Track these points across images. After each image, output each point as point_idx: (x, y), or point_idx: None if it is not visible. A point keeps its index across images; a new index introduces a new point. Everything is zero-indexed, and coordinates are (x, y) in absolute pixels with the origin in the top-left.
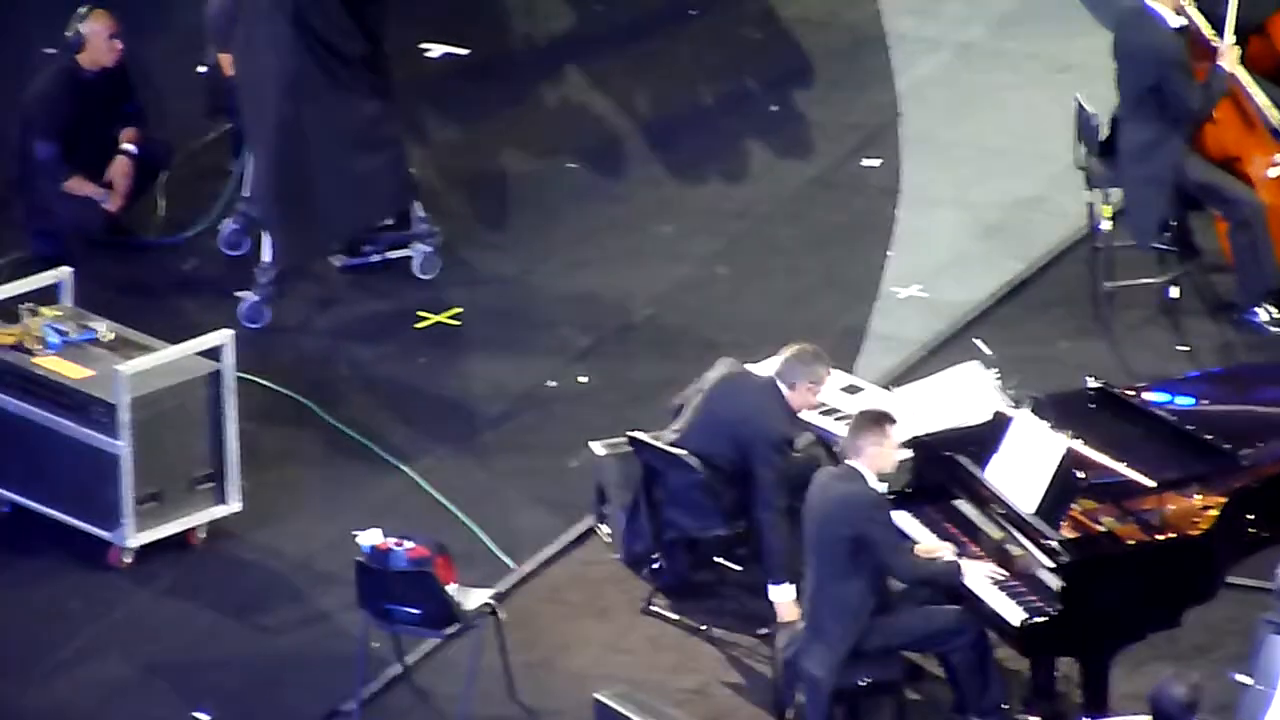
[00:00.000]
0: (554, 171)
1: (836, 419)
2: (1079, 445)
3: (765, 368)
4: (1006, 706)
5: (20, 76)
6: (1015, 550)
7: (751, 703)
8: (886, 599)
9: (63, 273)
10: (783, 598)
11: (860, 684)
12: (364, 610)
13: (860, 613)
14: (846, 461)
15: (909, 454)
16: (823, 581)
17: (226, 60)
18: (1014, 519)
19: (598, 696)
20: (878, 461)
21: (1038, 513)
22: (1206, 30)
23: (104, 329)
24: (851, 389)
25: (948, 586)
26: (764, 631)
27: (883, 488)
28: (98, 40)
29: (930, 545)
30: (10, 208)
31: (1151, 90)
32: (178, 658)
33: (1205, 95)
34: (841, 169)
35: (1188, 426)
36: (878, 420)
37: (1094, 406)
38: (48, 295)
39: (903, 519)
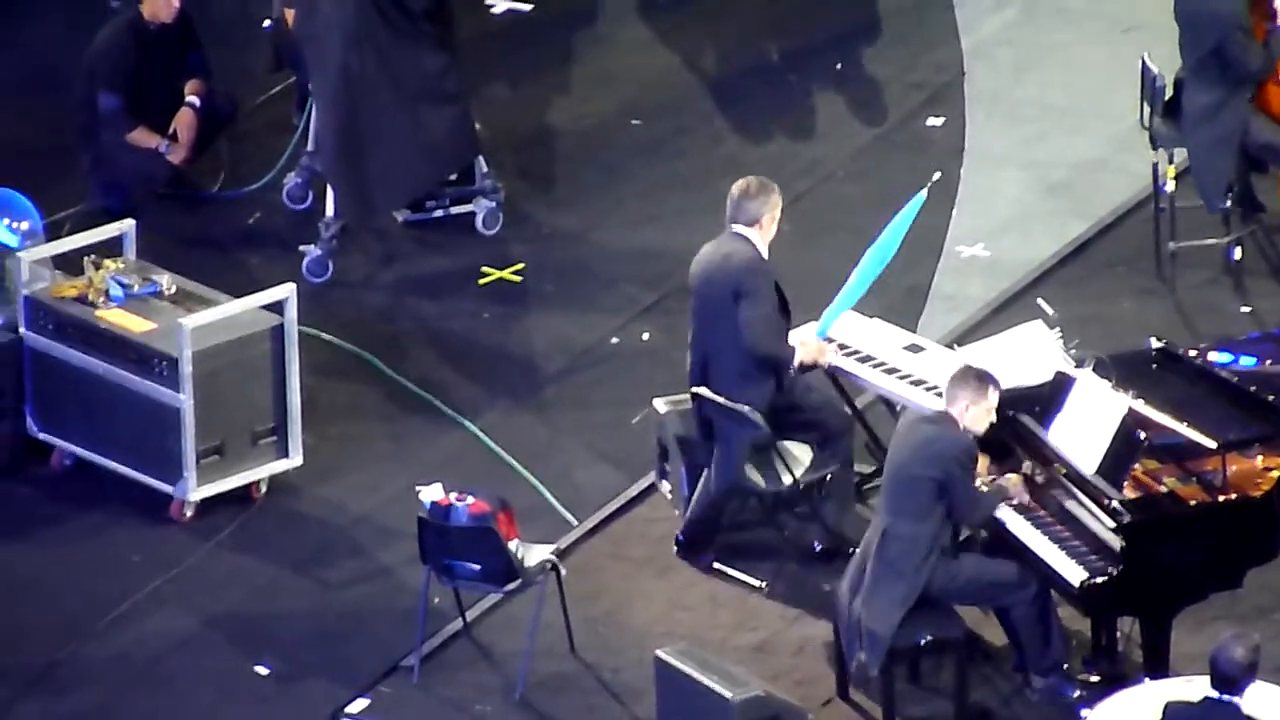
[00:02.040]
0: (618, 128)
1: (899, 378)
2: (1141, 405)
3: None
4: (1067, 665)
5: (89, 29)
6: (1077, 509)
7: (812, 660)
8: (952, 547)
9: (126, 225)
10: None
11: (921, 642)
12: (425, 565)
13: (928, 555)
14: (939, 409)
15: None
16: (897, 517)
17: (291, 14)
18: (1076, 479)
19: (659, 653)
20: (969, 418)
21: (1099, 472)
22: None
23: (167, 282)
24: (914, 348)
25: (1020, 541)
26: (826, 589)
27: (972, 437)
28: None
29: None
30: (75, 160)
31: (1213, 53)
32: (238, 611)
33: (1265, 55)
34: (906, 127)
35: (1250, 387)
36: (980, 378)
37: (1156, 367)
38: (111, 248)
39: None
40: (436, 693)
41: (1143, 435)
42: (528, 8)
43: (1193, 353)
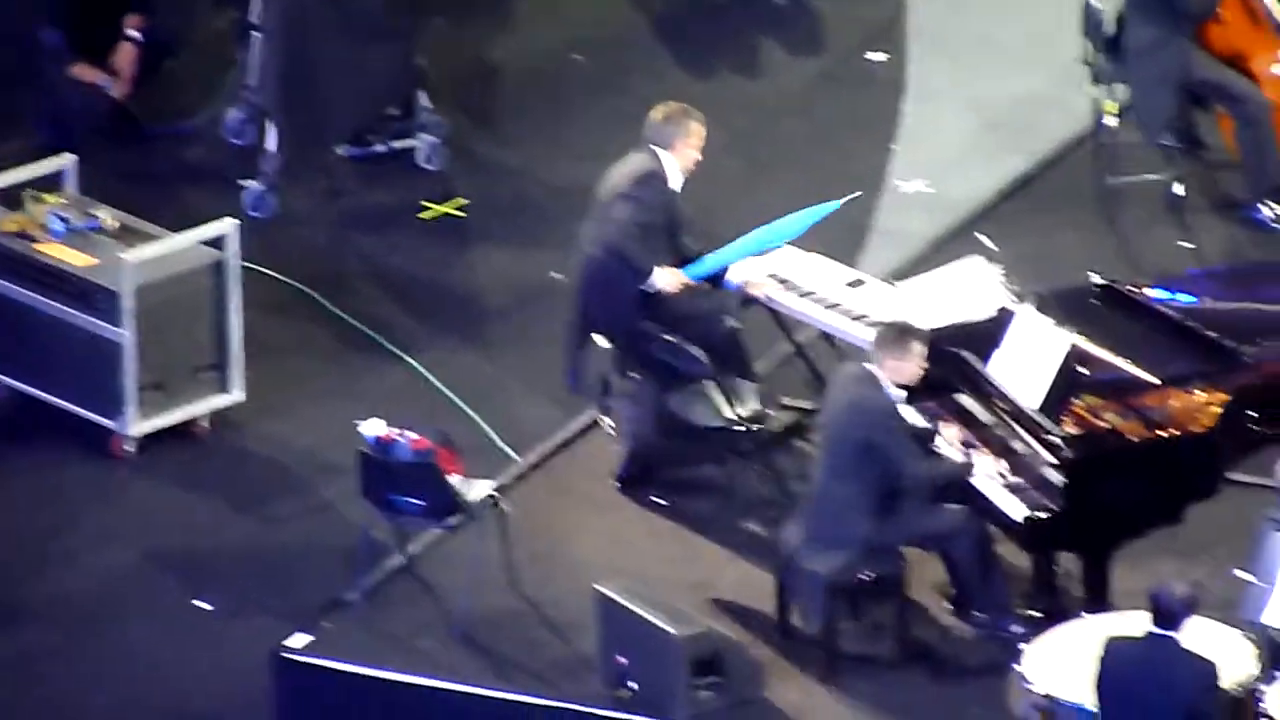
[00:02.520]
0: (561, 64)
1: (840, 313)
2: (1082, 341)
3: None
4: (1007, 602)
5: None
6: (1018, 446)
7: (753, 597)
8: (891, 499)
9: (67, 160)
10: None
11: (862, 579)
12: (367, 501)
13: (864, 511)
14: (865, 365)
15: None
16: (829, 476)
17: None
18: (1017, 414)
19: (598, 588)
20: (899, 374)
21: (1041, 408)
22: None
23: (108, 217)
24: (855, 283)
25: (958, 485)
26: (767, 528)
27: (899, 394)
28: None
29: (949, 433)
30: (16, 95)
31: None
32: (180, 547)
33: None
34: (848, 63)
35: (1191, 323)
36: (902, 333)
37: (1098, 303)
38: (52, 182)
39: (907, 413)
40: (378, 628)
41: (1084, 371)
42: None
43: (1134, 289)
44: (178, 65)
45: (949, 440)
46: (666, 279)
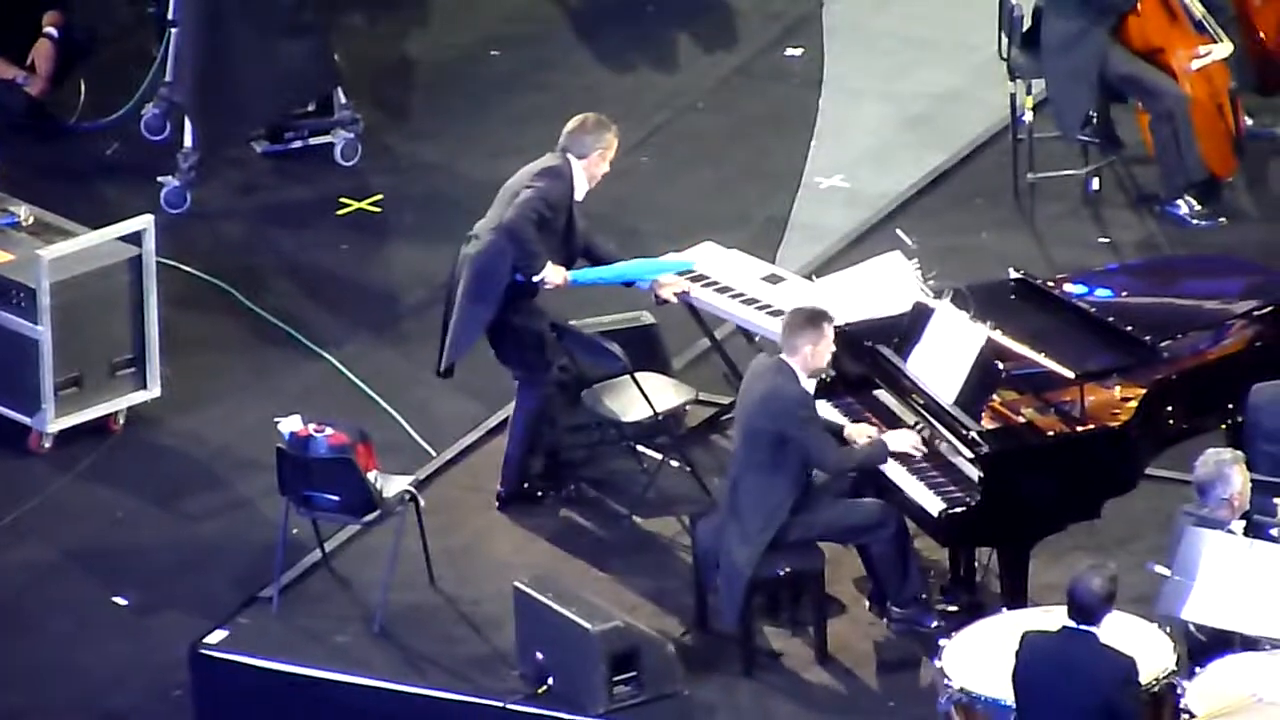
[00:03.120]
0: (478, 59)
1: (758, 309)
2: (999, 336)
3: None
4: (925, 596)
5: None
6: (936, 440)
7: (671, 591)
8: (808, 493)
9: None
10: None
11: (779, 574)
12: (284, 497)
13: (780, 506)
14: (779, 356)
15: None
16: (746, 470)
17: None
18: (934, 409)
19: (517, 584)
20: (812, 360)
21: (957, 403)
22: None
23: (24, 213)
24: (773, 278)
25: (876, 469)
26: (685, 523)
27: (811, 385)
28: None
29: (855, 430)
30: None
31: None
32: (97, 543)
33: None
34: (765, 58)
35: (1108, 318)
36: (813, 318)
37: (1015, 297)
38: None
39: (824, 409)
40: (296, 624)
41: (1001, 366)
42: None
43: (1051, 284)
44: (94, 61)
45: (858, 436)
46: (554, 274)
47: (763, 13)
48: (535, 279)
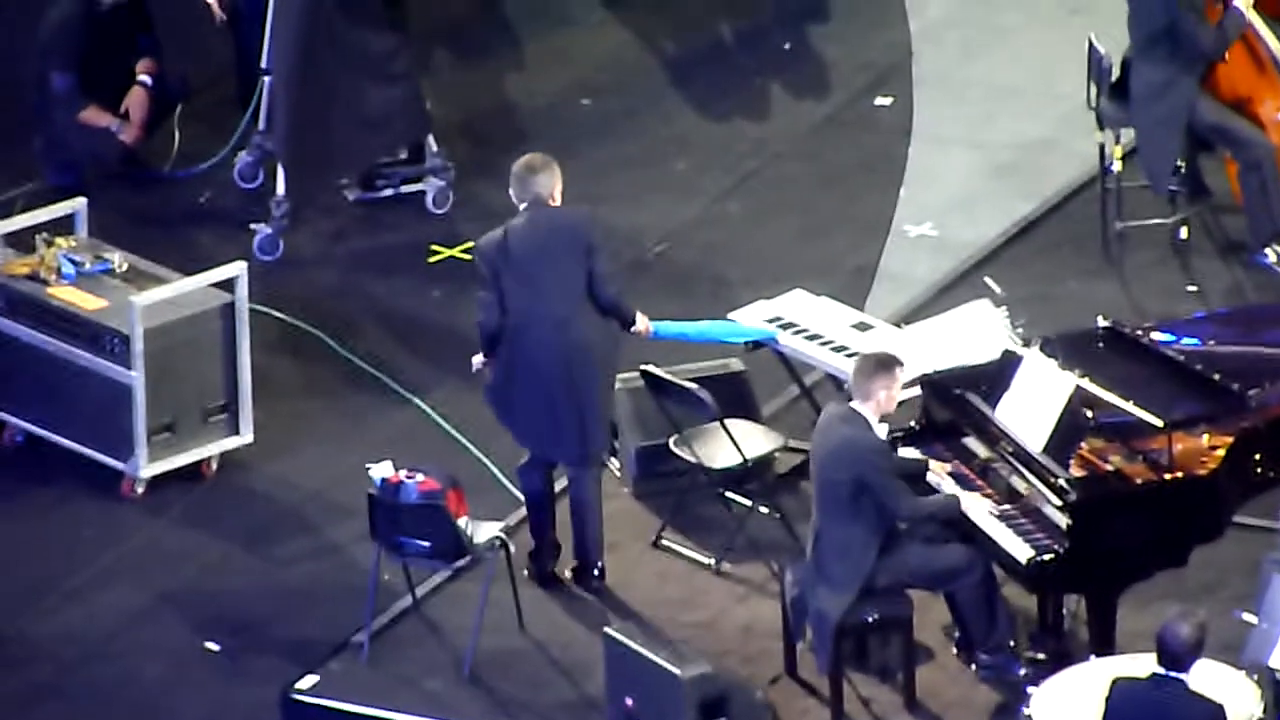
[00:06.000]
0: (569, 108)
1: (847, 356)
2: (1087, 384)
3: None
4: (1013, 644)
5: (40, 8)
6: (1024, 488)
7: (761, 637)
8: (894, 538)
9: (78, 203)
10: None
11: (868, 620)
12: (375, 542)
13: (864, 555)
14: (850, 404)
15: (915, 392)
16: (827, 522)
17: None
18: (1023, 457)
19: (607, 630)
20: (885, 405)
21: (1046, 450)
22: None
23: (119, 260)
24: (862, 326)
25: (948, 521)
26: (775, 569)
27: (883, 430)
28: None
29: (937, 466)
30: (27, 139)
31: (1164, 31)
32: (188, 588)
33: (1219, 36)
34: (854, 107)
35: (1196, 366)
36: (886, 364)
37: (1103, 346)
38: (63, 226)
39: (909, 453)
40: (386, 669)
41: (1089, 414)
42: None
43: (1139, 332)
44: (187, 109)
45: (939, 474)
46: (641, 323)
47: (852, 62)
48: (630, 330)
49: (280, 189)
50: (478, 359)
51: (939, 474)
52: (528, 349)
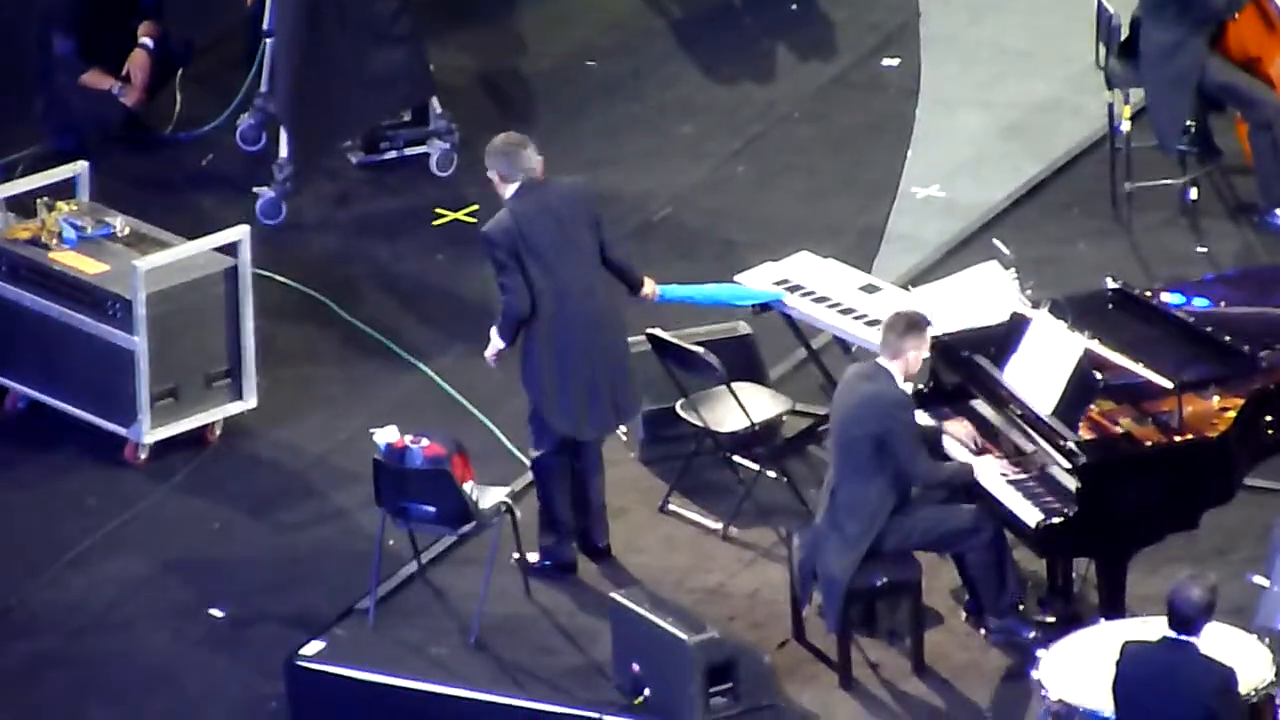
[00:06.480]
0: (574, 70)
1: (854, 318)
2: (1097, 346)
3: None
4: (1022, 606)
5: None
6: (1033, 451)
7: (767, 603)
8: (906, 499)
9: (79, 167)
10: None
11: (877, 584)
12: (380, 508)
13: (879, 512)
14: (876, 360)
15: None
16: (844, 478)
17: None
18: (1031, 420)
19: (614, 595)
20: (913, 365)
21: (1055, 413)
22: None
23: (120, 224)
24: (870, 288)
25: (963, 486)
26: (782, 533)
27: (909, 389)
28: None
29: (952, 426)
30: (28, 102)
31: None
32: (193, 554)
33: None
34: (861, 69)
35: (1206, 328)
36: (918, 323)
37: (1112, 307)
38: (64, 190)
39: (921, 418)
40: (392, 635)
41: (1099, 376)
42: None
43: (1148, 293)
44: (189, 72)
45: (956, 437)
46: (650, 288)
47: (859, 23)
48: (638, 294)
49: (283, 152)
50: (495, 350)
51: (956, 438)
52: (564, 325)
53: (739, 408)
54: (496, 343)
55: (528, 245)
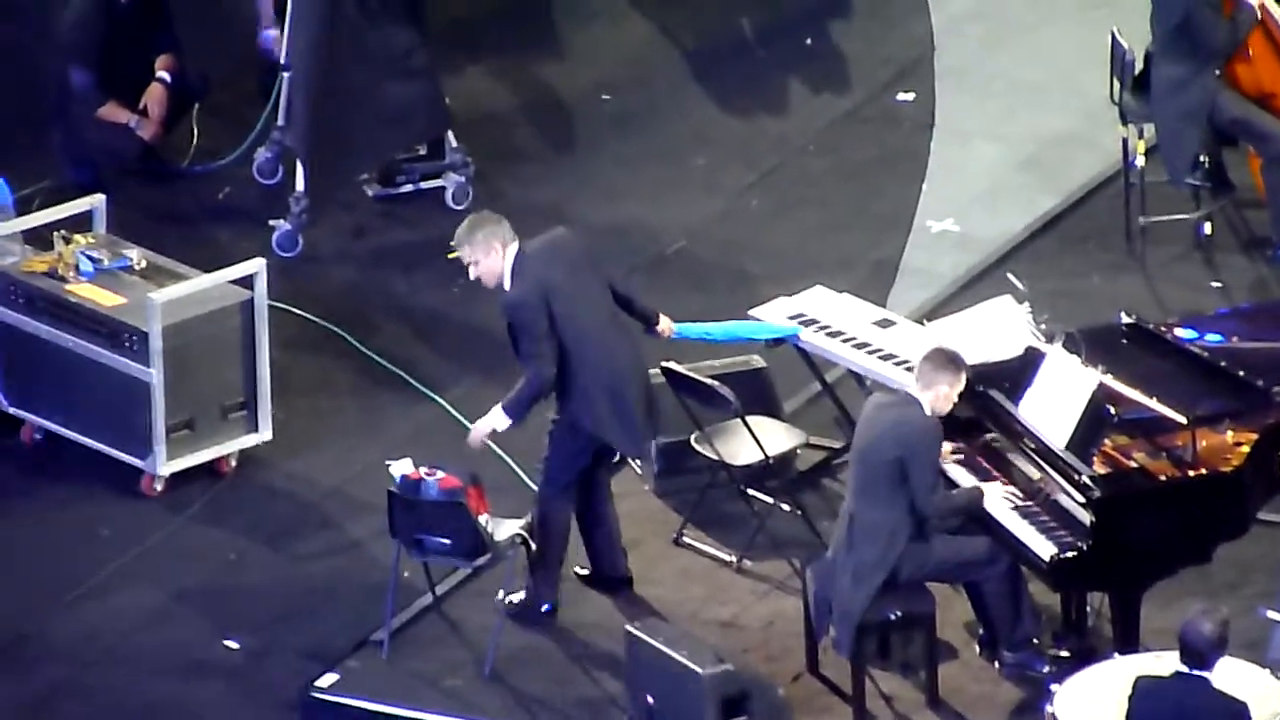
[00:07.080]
0: (589, 103)
1: (869, 353)
2: (1110, 380)
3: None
4: (1037, 640)
5: (59, 4)
6: (1047, 485)
7: (782, 635)
8: (922, 528)
9: (96, 200)
10: None
11: (891, 617)
12: (395, 540)
13: (896, 539)
14: (906, 390)
15: None
16: (863, 505)
17: None
18: (1046, 453)
19: (628, 627)
20: (943, 401)
21: (1069, 447)
22: None
23: (137, 256)
24: (884, 323)
25: (972, 515)
26: (796, 564)
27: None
28: None
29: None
30: (45, 135)
31: (1180, 27)
32: (208, 585)
33: (1231, 30)
34: (876, 102)
35: (1220, 362)
36: (956, 362)
37: (1126, 342)
38: (82, 222)
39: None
40: (406, 667)
41: (1112, 410)
42: None
43: (1162, 328)
44: (206, 106)
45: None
46: (666, 325)
47: (873, 57)
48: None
49: (299, 185)
50: (492, 429)
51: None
52: (609, 353)
53: (753, 441)
54: (500, 421)
55: (556, 295)
